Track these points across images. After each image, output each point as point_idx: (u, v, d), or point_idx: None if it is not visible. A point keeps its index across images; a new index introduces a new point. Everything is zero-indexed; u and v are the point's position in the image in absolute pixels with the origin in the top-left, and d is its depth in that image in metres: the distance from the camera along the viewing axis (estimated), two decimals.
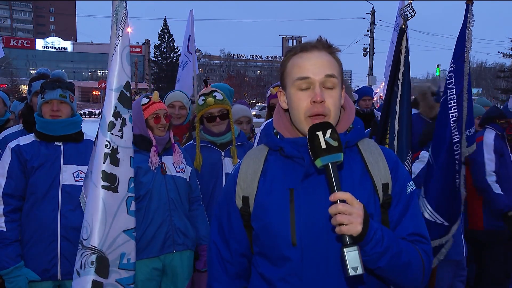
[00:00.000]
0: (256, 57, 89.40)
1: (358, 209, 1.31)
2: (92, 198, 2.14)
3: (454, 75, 3.03)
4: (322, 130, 1.38)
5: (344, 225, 1.29)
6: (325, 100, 1.49)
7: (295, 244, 1.49)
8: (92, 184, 2.15)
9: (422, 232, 1.55)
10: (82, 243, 2.13)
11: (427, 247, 1.54)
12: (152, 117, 2.98)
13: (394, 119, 2.89)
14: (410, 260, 1.45)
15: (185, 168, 3.11)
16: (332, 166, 1.35)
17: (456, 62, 3.03)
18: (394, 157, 1.63)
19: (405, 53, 2.88)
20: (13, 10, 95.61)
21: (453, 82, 3.03)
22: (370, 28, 32.79)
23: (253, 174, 1.61)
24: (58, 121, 2.83)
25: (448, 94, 3.03)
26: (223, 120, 3.32)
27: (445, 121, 3.02)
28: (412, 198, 1.58)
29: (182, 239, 3.01)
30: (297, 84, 1.52)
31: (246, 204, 1.61)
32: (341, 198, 1.31)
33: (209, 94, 3.29)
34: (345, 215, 1.29)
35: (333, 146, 1.36)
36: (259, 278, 1.62)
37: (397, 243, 1.43)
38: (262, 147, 1.69)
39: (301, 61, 1.53)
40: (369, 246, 1.34)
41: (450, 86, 3.02)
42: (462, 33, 3.04)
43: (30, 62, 67.97)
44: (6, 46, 63.97)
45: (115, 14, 2.16)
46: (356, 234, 1.29)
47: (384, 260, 1.38)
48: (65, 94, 2.84)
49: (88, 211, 2.15)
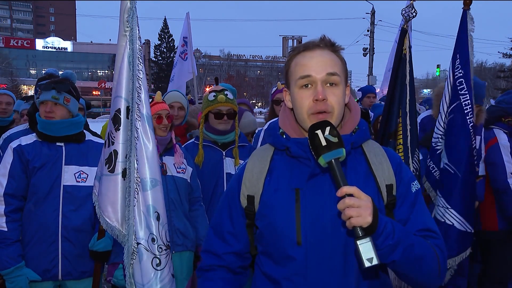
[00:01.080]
0: (256, 57, 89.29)
1: (366, 201, 1.31)
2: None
3: (464, 80, 3.01)
4: (321, 128, 1.39)
5: (354, 218, 1.29)
6: (328, 98, 1.50)
7: (300, 244, 1.50)
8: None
9: (431, 227, 1.56)
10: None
11: (439, 241, 1.54)
12: (155, 117, 2.98)
13: (405, 119, 2.91)
14: (423, 253, 1.45)
15: (186, 169, 3.11)
16: (335, 162, 1.36)
17: (464, 68, 3.02)
18: (398, 158, 1.64)
19: (409, 52, 2.89)
20: (13, 10, 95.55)
21: (465, 87, 3.01)
22: (370, 28, 32.79)
23: (259, 174, 1.62)
24: (55, 122, 2.82)
25: (462, 101, 3.01)
26: (230, 119, 3.33)
27: (463, 128, 3.00)
28: (418, 196, 1.59)
29: (181, 239, 3.01)
30: (300, 82, 1.54)
31: (251, 203, 1.62)
32: (348, 192, 1.31)
33: (221, 92, 3.31)
34: (353, 208, 1.30)
35: (333, 143, 1.37)
36: (263, 277, 1.62)
37: (408, 236, 1.43)
38: (267, 147, 1.69)
39: (304, 60, 1.55)
40: (380, 239, 1.34)
41: (462, 92, 3.01)
42: (464, 38, 3.03)
43: (30, 62, 67.98)
44: (6, 46, 64.08)
45: (130, 16, 2.12)
46: (366, 225, 1.29)
47: (397, 254, 1.38)
48: (58, 96, 2.81)
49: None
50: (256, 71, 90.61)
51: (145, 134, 2.14)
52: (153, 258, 2.10)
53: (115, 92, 2.19)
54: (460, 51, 3.06)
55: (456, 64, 3.05)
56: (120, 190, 2.20)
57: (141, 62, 2.14)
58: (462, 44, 3.04)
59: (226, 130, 3.33)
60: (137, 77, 2.12)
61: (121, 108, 2.17)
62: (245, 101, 5.20)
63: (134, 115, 2.12)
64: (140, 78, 2.13)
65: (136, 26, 2.12)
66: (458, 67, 3.05)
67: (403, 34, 2.91)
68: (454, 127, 3.06)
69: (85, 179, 2.83)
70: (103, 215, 2.24)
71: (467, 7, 3.06)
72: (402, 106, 2.93)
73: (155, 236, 2.11)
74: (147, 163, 2.13)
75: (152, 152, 2.14)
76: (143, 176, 2.12)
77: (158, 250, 2.10)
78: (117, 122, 2.19)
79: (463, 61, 3.04)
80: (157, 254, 2.11)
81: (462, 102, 3.01)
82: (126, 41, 2.13)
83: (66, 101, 2.85)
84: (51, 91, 2.81)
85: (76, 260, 2.80)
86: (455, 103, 3.03)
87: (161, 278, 2.11)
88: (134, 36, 2.11)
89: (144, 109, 2.13)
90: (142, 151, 2.13)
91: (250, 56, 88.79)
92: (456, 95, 3.04)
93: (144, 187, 2.12)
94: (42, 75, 4.38)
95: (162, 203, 2.17)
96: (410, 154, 2.92)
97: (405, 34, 2.91)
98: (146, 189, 2.12)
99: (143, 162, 2.13)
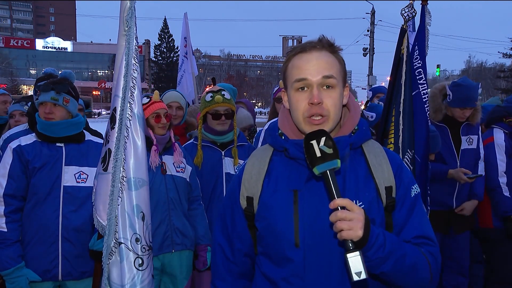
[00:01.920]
0: (256, 57, 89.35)
1: (358, 214, 1.31)
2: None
3: (422, 71, 3.22)
4: (316, 138, 1.37)
5: (345, 231, 1.29)
6: (323, 101, 1.48)
7: (298, 245, 1.49)
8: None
9: (428, 234, 1.55)
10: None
11: (434, 249, 1.53)
12: (153, 116, 2.99)
13: (398, 118, 2.93)
14: (415, 263, 1.44)
15: (185, 168, 3.11)
16: (330, 173, 1.35)
17: (423, 60, 3.21)
18: (399, 160, 1.63)
19: (407, 52, 2.90)
20: (13, 10, 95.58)
21: (423, 77, 3.21)
22: (370, 28, 32.81)
23: (258, 175, 1.62)
24: (54, 123, 2.81)
25: (420, 89, 3.19)
26: (228, 119, 3.33)
27: (423, 115, 3.16)
28: (416, 201, 1.58)
29: (180, 239, 3.01)
30: (296, 85, 1.52)
31: (250, 204, 1.61)
32: (340, 205, 1.31)
33: (218, 92, 3.31)
34: (345, 221, 1.29)
35: (328, 154, 1.35)
36: (262, 277, 1.63)
37: (401, 247, 1.42)
38: (267, 147, 1.69)
39: (300, 62, 1.53)
40: (371, 252, 1.34)
41: (421, 81, 3.20)
42: (422, 32, 3.22)
43: (30, 62, 67.95)
44: (6, 46, 64.07)
45: (129, 16, 2.12)
46: (357, 238, 1.29)
47: (388, 265, 1.38)
48: (57, 97, 2.81)
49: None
50: (256, 71, 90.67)
51: (135, 134, 2.13)
52: (136, 258, 2.09)
53: (114, 91, 2.20)
54: (419, 44, 3.22)
55: (415, 55, 3.21)
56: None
57: (136, 61, 2.14)
58: (421, 37, 3.22)
59: (224, 131, 3.33)
60: (132, 76, 2.12)
61: (117, 107, 2.18)
62: (245, 101, 5.19)
63: (125, 114, 2.12)
64: (135, 77, 2.13)
65: (134, 26, 2.12)
66: (417, 58, 3.21)
67: (402, 34, 2.92)
68: (414, 114, 3.20)
69: (85, 179, 2.83)
70: (95, 213, 2.24)
71: (425, 2, 3.25)
72: (396, 105, 2.96)
73: (139, 236, 2.10)
74: (136, 162, 2.12)
75: (141, 152, 2.13)
76: (130, 176, 2.11)
77: (141, 250, 2.09)
78: (113, 121, 2.19)
79: (422, 53, 3.21)
80: (140, 254, 2.09)
81: (421, 91, 3.19)
82: (125, 40, 2.14)
83: (65, 101, 2.85)
84: (50, 92, 2.80)
85: (76, 261, 2.80)
86: (415, 91, 3.18)
87: (142, 278, 2.10)
88: (131, 36, 2.12)
89: (136, 109, 2.13)
90: (131, 150, 2.12)
91: (250, 56, 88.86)
92: (415, 84, 3.20)
93: (130, 187, 2.11)
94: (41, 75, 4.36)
95: (148, 204, 2.16)
96: (401, 153, 2.93)
97: (404, 34, 2.91)
98: (132, 188, 2.11)
99: (131, 162, 2.12)
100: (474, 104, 3.72)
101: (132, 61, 2.11)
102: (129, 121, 2.11)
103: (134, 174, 2.12)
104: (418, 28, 3.27)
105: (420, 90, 3.18)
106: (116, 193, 2.10)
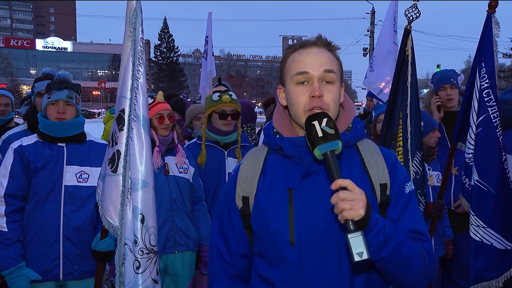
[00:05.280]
0: (256, 57, 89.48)
1: (359, 194, 1.30)
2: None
3: (492, 91, 2.83)
4: (318, 119, 1.38)
5: (347, 211, 1.28)
6: (324, 95, 1.49)
7: (294, 244, 1.48)
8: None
9: (421, 229, 1.54)
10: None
11: (427, 244, 1.53)
12: (156, 117, 2.99)
13: (406, 121, 2.88)
14: (412, 253, 1.44)
15: (188, 169, 3.11)
16: (331, 155, 1.35)
17: (490, 79, 2.84)
18: (393, 158, 1.63)
19: (412, 54, 2.87)
20: (13, 10, 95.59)
21: (492, 98, 2.83)
22: (370, 28, 32.80)
23: (253, 174, 1.61)
24: (63, 123, 2.81)
25: (490, 113, 2.81)
26: (233, 120, 3.34)
27: (495, 143, 2.83)
28: (411, 198, 1.58)
29: (183, 239, 3.01)
30: (296, 78, 1.52)
31: (246, 204, 1.61)
32: (342, 185, 1.30)
33: (225, 92, 3.32)
34: (347, 201, 1.28)
35: (330, 134, 1.36)
36: (258, 279, 1.61)
37: (398, 234, 1.42)
38: (262, 147, 1.69)
39: (300, 56, 1.54)
40: (371, 235, 1.33)
41: (490, 103, 2.82)
42: (489, 44, 2.83)
43: (30, 62, 68.02)
44: (6, 46, 64.10)
45: (134, 17, 2.11)
46: (358, 217, 1.27)
47: (387, 251, 1.37)
48: (71, 95, 2.83)
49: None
50: (256, 71, 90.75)
51: (138, 136, 2.13)
52: (134, 260, 2.08)
53: (120, 93, 2.19)
54: (486, 59, 2.84)
55: (482, 73, 2.84)
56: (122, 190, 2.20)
57: (141, 63, 2.13)
58: (488, 52, 2.82)
59: (229, 131, 3.33)
60: (136, 77, 2.12)
61: (125, 108, 2.17)
62: (247, 101, 5.20)
63: (131, 116, 2.12)
64: (139, 79, 2.12)
65: (140, 27, 2.11)
66: (485, 77, 2.84)
67: (406, 35, 2.90)
68: (483, 141, 2.88)
69: (86, 179, 2.82)
70: (105, 215, 2.23)
71: (492, 10, 2.81)
72: (403, 108, 2.91)
73: (137, 239, 2.10)
74: (138, 164, 2.12)
75: (145, 154, 2.14)
76: (133, 177, 2.12)
77: (139, 253, 2.08)
78: (121, 123, 2.18)
79: (489, 70, 2.83)
80: (138, 257, 2.09)
81: (491, 114, 2.82)
82: (131, 41, 2.13)
83: (77, 100, 2.89)
84: (63, 91, 2.81)
85: (77, 260, 2.79)
86: (483, 115, 2.85)
87: (141, 281, 2.09)
88: (137, 37, 2.11)
89: (140, 111, 2.13)
90: (135, 152, 2.12)
91: (250, 56, 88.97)
92: (484, 107, 2.84)
93: (134, 188, 2.11)
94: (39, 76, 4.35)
95: (151, 206, 2.15)
96: (410, 156, 2.90)
97: (408, 35, 2.89)
98: (134, 190, 2.11)
99: (134, 163, 2.12)
100: (451, 81, 3.75)
101: (137, 62, 2.11)
102: (134, 122, 2.11)
103: (132, 175, 2.12)
104: (481, 39, 2.86)
105: (490, 114, 2.82)
106: (126, 194, 2.10)
